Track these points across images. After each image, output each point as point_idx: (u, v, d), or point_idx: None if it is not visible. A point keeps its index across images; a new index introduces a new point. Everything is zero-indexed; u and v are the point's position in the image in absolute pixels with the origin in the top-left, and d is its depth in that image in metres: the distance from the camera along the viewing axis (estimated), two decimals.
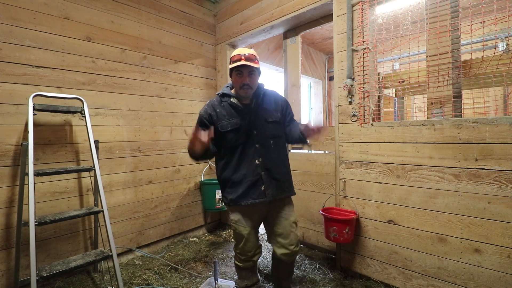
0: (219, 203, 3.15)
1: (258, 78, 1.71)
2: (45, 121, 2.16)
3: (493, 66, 1.75)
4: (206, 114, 1.72)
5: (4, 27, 1.97)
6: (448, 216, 1.77)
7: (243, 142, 1.68)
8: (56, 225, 2.20)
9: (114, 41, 2.56)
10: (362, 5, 2.13)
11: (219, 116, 1.70)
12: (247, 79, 1.62)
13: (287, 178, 1.79)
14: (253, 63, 1.59)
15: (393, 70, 3.62)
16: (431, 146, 1.82)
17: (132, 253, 2.67)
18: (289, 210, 1.77)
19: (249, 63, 1.57)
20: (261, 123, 1.70)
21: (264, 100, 1.76)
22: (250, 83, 1.63)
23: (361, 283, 2.11)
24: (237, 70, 1.61)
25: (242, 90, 1.64)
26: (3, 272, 1.98)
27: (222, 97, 1.77)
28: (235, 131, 1.68)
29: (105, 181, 2.49)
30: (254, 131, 1.68)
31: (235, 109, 1.70)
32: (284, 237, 1.71)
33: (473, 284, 1.68)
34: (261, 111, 1.72)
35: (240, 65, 1.57)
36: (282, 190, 1.73)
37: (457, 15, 1.80)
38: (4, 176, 1.97)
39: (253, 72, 1.63)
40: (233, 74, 1.66)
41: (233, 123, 1.68)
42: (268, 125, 1.72)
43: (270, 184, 1.68)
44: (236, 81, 1.65)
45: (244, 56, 1.58)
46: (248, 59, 1.58)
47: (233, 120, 1.68)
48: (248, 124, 1.68)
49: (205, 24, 3.42)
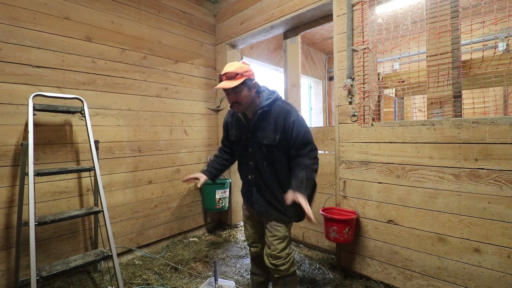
0: (219, 203, 3.15)
1: (249, 91, 1.53)
2: (45, 121, 2.16)
3: (493, 66, 1.75)
4: (225, 120, 1.82)
5: (4, 27, 1.97)
6: (448, 216, 1.77)
7: (242, 155, 1.71)
8: (56, 225, 2.20)
9: (114, 41, 2.56)
10: (362, 5, 2.13)
11: (230, 125, 1.76)
12: (234, 97, 1.51)
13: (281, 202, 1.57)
14: (233, 80, 1.47)
15: (393, 70, 3.62)
16: (431, 146, 1.82)
17: (132, 253, 2.67)
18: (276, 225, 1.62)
19: (227, 83, 1.47)
20: (256, 143, 1.59)
21: (262, 117, 1.57)
22: (238, 99, 1.51)
23: (361, 283, 2.11)
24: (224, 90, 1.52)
25: (233, 107, 1.56)
26: (3, 272, 1.97)
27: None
28: (237, 143, 1.72)
29: (105, 181, 2.49)
30: (249, 148, 1.63)
31: (238, 122, 1.69)
32: (268, 247, 1.65)
33: (473, 284, 1.68)
34: (257, 130, 1.58)
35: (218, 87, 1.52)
36: (272, 211, 1.61)
37: (457, 15, 1.80)
38: (4, 176, 1.97)
39: (237, 88, 1.48)
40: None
41: (235, 135, 1.71)
42: (262, 147, 1.57)
43: (259, 201, 1.64)
44: (227, 99, 1.58)
45: (225, 76, 1.50)
46: (228, 77, 1.48)
47: (235, 133, 1.70)
48: (246, 140, 1.64)
49: (205, 24, 3.42)
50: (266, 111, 1.57)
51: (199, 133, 3.33)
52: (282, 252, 1.60)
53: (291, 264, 1.62)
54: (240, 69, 1.49)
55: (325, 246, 2.66)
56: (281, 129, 1.53)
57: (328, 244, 2.62)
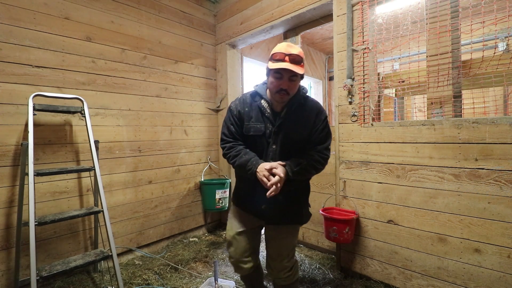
0: (219, 203, 3.15)
1: (299, 83, 1.42)
2: (45, 121, 2.16)
3: (493, 66, 1.75)
4: (235, 110, 1.49)
5: (4, 27, 1.97)
6: (448, 216, 1.77)
7: (261, 151, 1.45)
8: (56, 225, 2.20)
9: (114, 41, 2.56)
10: (362, 5, 2.13)
11: (246, 116, 1.47)
12: (287, 84, 1.33)
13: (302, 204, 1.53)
14: (298, 67, 1.32)
15: (393, 70, 3.62)
16: (431, 146, 1.82)
17: (132, 253, 2.67)
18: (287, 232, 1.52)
19: (294, 67, 1.29)
20: (283, 139, 1.42)
21: (297, 111, 1.44)
22: (288, 88, 1.34)
23: (361, 283, 2.11)
24: (277, 71, 1.32)
25: (278, 94, 1.36)
26: (3, 272, 1.97)
27: (253, 96, 1.51)
28: (256, 138, 1.45)
29: (105, 181, 2.48)
30: (273, 145, 1.42)
31: (262, 114, 1.45)
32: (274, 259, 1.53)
33: (473, 284, 1.68)
34: (289, 124, 1.42)
35: (282, 68, 1.29)
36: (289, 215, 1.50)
37: (457, 15, 1.79)
38: (4, 176, 1.97)
39: (296, 77, 1.34)
40: (270, 74, 1.37)
41: (257, 128, 1.44)
42: (290, 143, 1.43)
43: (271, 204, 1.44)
44: (272, 83, 1.36)
45: (289, 57, 1.30)
46: (293, 61, 1.30)
47: (257, 125, 1.44)
48: (270, 136, 1.42)
49: (205, 24, 3.42)
50: (302, 105, 1.46)
51: (199, 133, 3.33)
52: (291, 261, 1.52)
53: (297, 270, 1.58)
54: (303, 55, 1.34)
55: (325, 246, 2.66)
56: (311, 126, 1.44)
57: (328, 244, 2.62)
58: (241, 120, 1.48)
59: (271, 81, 1.37)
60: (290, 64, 1.28)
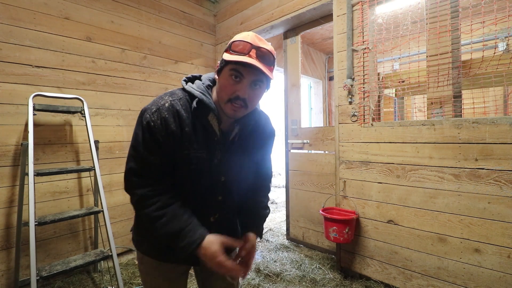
0: None
1: (262, 95, 0.92)
2: (45, 121, 2.16)
3: (493, 66, 1.75)
4: (162, 128, 0.85)
5: (4, 27, 1.97)
6: (448, 216, 1.77)
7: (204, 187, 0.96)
8: (56, 225, 2.20)
9: (114, 41, 2.56)
10: (362, 5, 2.13)
11: (186, 141, 0.88)
12: (246, 91, 0.84)
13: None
14: (268, 68, 0.84)
15: (393, 70, 3.62)
16: (431, 146, 1.82)
17: (132, 253, 2.67)
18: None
19: (262, 66, 0.81)
20: (235, 167, 0.99)
21: (253, 132, 1.02)
22: (248, 98, 0.85)
23: (361, 283, 2.11)
24: (235, 69, 0.83)
25: (230, 104, 0.86)
26: (3, 272, 1.97)
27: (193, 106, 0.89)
28: (198, 170, 0.92)
29: (105, 181, 2.49)
30: (222, 177, 0.97)
31: (210, 137, 0.92)
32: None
33: (473, 284, 1.68)
34: (243, 150, 1.00)
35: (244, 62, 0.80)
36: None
37: (457, 15, 1.79)
38: (4, 176, 1.97)
39: (261, 83, 0.87)
40: (224, 71, 0.85)
41: (200, 159, 0.91)
42: (241, 174, 1.03)
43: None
44: (225, 85, 0.85)
45: (256, 51, 0.82)
46: (262, 58, 0.83)
47: (202, 155, 0.91)
48: (218, 165, 0.95)
49: (205, 24, 3.42)
50: (257, 123, 1.03)
51: None
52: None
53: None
54: (275, 54, 0.89)
55: (325, 246, 2.66)
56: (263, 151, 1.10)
57: (328, 244, 2.62)
58: (170, 145, 0.87)
59: (223, 82, 0.86)
60: (258, 62, 0.81)
